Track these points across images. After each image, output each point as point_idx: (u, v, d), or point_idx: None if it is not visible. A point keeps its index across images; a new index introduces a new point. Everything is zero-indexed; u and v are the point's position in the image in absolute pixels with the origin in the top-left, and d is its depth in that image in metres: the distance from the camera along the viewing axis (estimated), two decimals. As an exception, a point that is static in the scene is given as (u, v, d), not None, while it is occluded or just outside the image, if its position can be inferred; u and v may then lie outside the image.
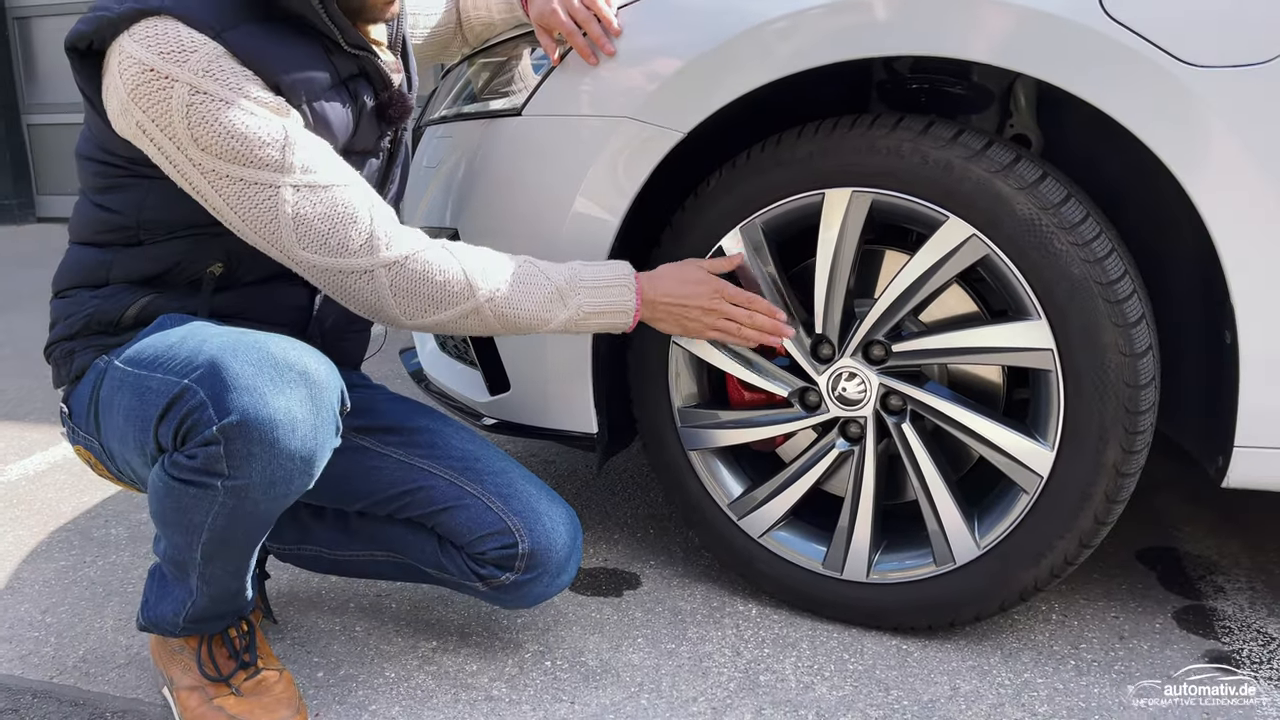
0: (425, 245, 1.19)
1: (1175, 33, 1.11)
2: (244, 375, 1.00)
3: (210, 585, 1.16)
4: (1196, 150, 1.13)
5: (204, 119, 1.08)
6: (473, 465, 1.29)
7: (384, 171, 1.33)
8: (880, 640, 1.40)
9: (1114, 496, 1.24)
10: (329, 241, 1.14)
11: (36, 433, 2.43)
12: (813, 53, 1.24)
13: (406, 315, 1.19)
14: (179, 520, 1.09)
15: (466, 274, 1.19)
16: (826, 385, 1.38)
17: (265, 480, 1.03)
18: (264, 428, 1.00)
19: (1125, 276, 1.20)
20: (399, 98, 1.27)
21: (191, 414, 1.01)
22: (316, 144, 1.14)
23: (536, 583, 1.27)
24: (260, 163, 1.09)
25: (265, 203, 1.11)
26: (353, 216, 1.14)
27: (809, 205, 1.33)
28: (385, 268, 1.16)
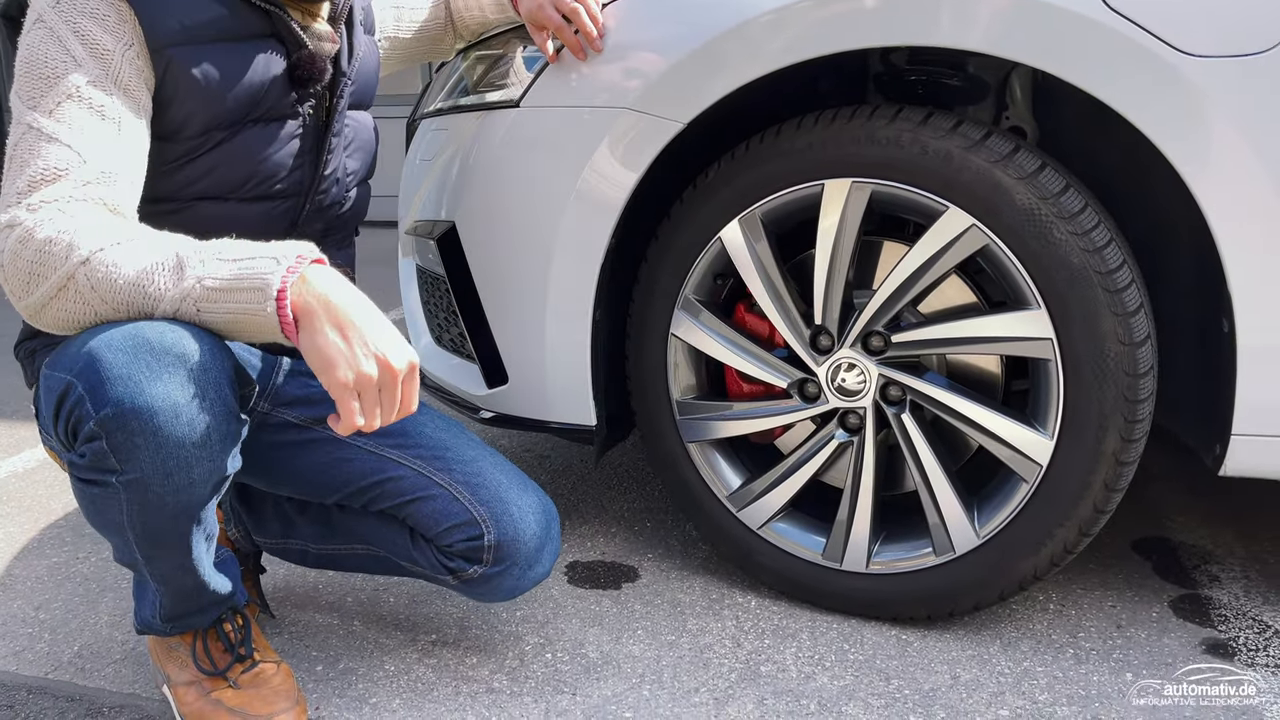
0: (69, 217, 0.98)
1: (1174, 22, 1.12)
2: (117, 364, 0.95)
3: (165, 584, 1.14)
4: (1195, 140, 1.14)
5: (23, 47, 1.05)
6: (442, 454, 1.26)
7: (314, 142, 1.25)
8: (880, 630, 1.40)
9: (1113, 485, 1.24)
10: (4, 185, 1.02)
11: (25, 430, 2.41)
12: (815, 42, 1.24)
13: (14, 294, 1.00)
14: (102, 522, 1.06)
15: (75, 235, 0.97)
16: (825, 376, 1.38)
17: (159, 471, 0.98)
18: (142, 416, 0.95)
19: (1124, 265, 1.20)
20: (309, 59, 1.20)
21: (74, 410, 0.98)
22: (91, 97, 1.03)
23: (506, 575, 1.23)
24: (28, 96, 1.03)
25: (9, 140, 1.03)
26: (29, 165, 1.00)
27: (808, 196, 1.33)
28: (8, 228, 0.98)
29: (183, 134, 1.13)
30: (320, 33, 1.23)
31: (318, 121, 1.26)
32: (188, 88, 1.11)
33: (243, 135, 1.18)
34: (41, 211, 0.99)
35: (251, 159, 1.19)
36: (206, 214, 1.18)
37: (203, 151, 1.15)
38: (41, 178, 1.00)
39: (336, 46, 1.25)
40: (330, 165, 1.28)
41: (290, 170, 1.23)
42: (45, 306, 0.99)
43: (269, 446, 1.26)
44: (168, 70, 1.09)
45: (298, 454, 1.27)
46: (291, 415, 1.29)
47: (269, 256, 0.99)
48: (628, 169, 1.37)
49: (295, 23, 1.19)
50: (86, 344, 0.98)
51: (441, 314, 1.71)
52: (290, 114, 1.22)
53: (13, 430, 2.41)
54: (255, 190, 1.21)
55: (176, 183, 1.15)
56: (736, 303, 1.51)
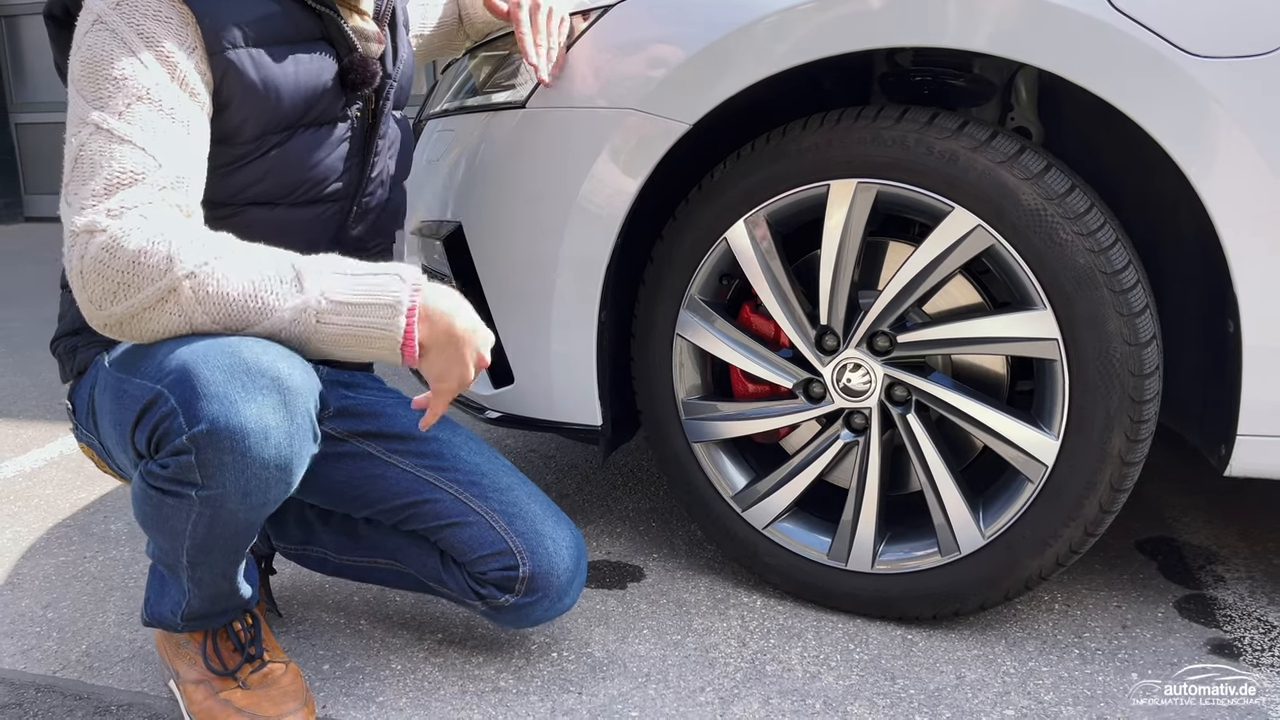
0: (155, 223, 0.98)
1: (1180, 23, 1.12)
2: (214, 382, 0.96)
3: (201, 587, 1.15)
4: (1201, 141, 1.14)
5: (84, 48, 1.04)
6: (479, 481, 1.27)
7: (361, 144, 1.26)
8: (885, 630, 1.40)
9: (1119, 485, 1.24)
10: (72, 189, 1.00)
11: (32, 429, 2.42)
12: (821, 44, 1.25)
13: (94, 302, 0.98)
14: (161, 526, 1.07)
15: (173, 246, 0.96)
16: (831, 377, 1.38)
17: (240, 490, 1.00)
18: (235, 436, 0.96)
19: (1130, 266, 1.21)
20: (361, 63, 1.20)
21: (163, 422, 0.98)
22: (162, 98, 1.03)
23: (536, 606, 1.25)
24: (92, 96, 1.02)
25: (71, 140, 1.02)
26: (103, 167, 0.99)
27: (814, 197, 1.33)
28: (89, 233, 0.97)
29: (238, 138, 1.13)
30: (367, 33, 1.23)
31: (364, 124, 1.27)
32: (245, 92, 1.11)
33: (295, 140, 1.18)
34: (126, 219, 0.97)
35: (304, 164, 1.19)
36: (257, 219, 1.18)
37: (256, 156, 1.15)
38: (118, 181, 0.99)
39: (383, 47, 1.26)
40: (376, 167, 1.28)
41: (340, 174, 1.24)
42: (134, 317, 0.98)
43: None
44: (226, 74, 1.09)
45: (333, 465, 1.28)
46: (330, 426, 1.30)
47: (392, 274, 1.03)
48: (634, 170, 1.37)
49: (347, 25, 1.19)
50: (177, 356, 0.98)
51: (447, 314, 1.71)
52: (340, 117, 1.23)
53: (20, 430, 2.42)
54: (306, 195, 1.21)
55: (230, 188, 1.15)
56: (742, 303, 1.51)
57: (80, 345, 1.20)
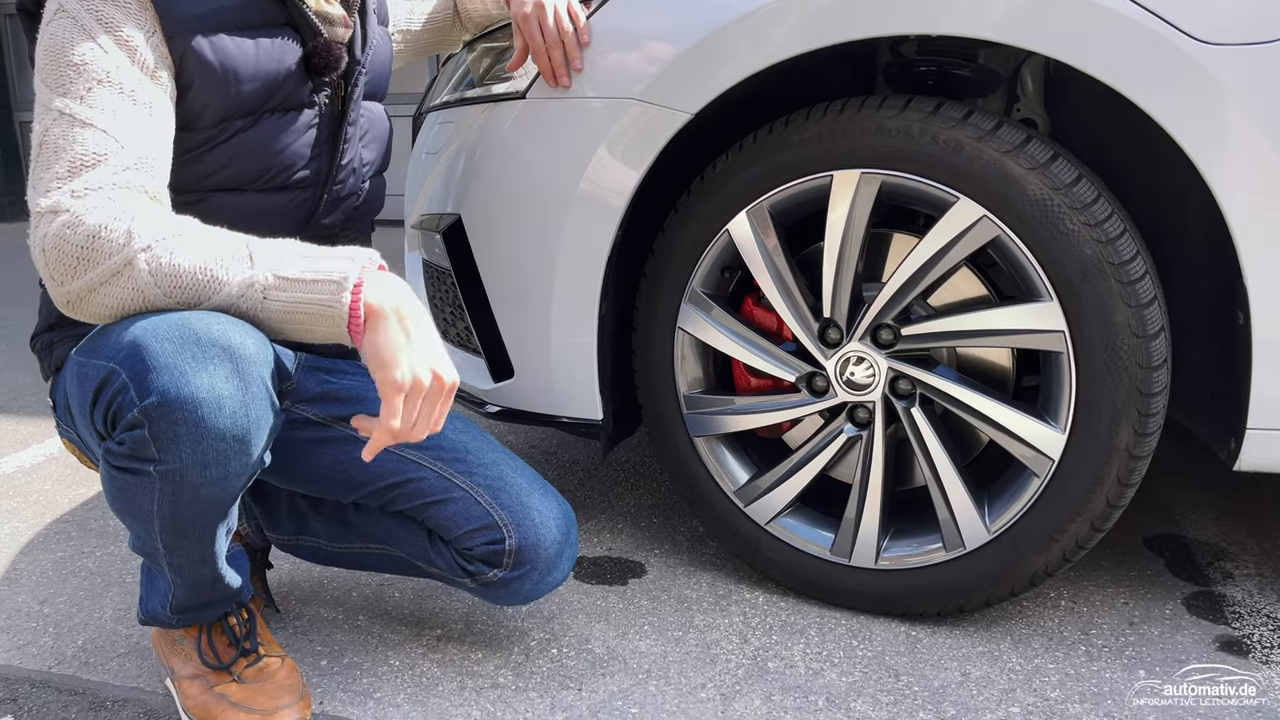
0: (118, 203, 0.98)
1: (1189, 9, 1.10)
2: (163, 354, 0.95)
3: (182, 575, 1.13)
4: (1211, 129, 1.12)
5: (46, 36, 1.05)
6: (463, 457, 1.25)
7: (331, 131, 1.25)
8: (889, 626, 1.39)
9: (1126, 479, 1.23)
10: (37, 173, 1.00)
11: (31, 425, 2.41)
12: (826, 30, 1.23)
13: (55, 279, 0.98)
14: (129, 509, 1.06)
15: (134, 223, 0.97)
16: (834, 370, 1.36)
17: (198, 462, 0.98)
18: (186, 407, 0.95)
19: (1137, 257, 1.19)
20: (325, 47, 1.19)
21: (116, 397, 0.98)
22: (122, 80, 1.03)
23: (526, 579, 1.23)
24: (55, 83, 1.02)
25: (37, 126, 1.02)
26: (66, 150, 0.99)
27: (817, 188, 1.32)
28: (53, 213, 0.97)
29: (200, 123, 1.13)
30: (333, 17, 1.21)
31: (334, 111, 1.26)
32: (204, 76, 1.10)
33: (259, 125, 1.17)
34: (88, 198, 0.98)
35: (269, 149, 1.18)
36: (224, 205, 1.17)
37: (220, 141, 1.15)
38: (82, 163, 0.99)
39: (350, 32, 1.24)
40: (347, 155, 1.27)
41: (308, 160, 1.23)
42: (92, 292, 0.98)
43: (287, 443, 1.25)
44: (184, 58, 1.09)
45: (316, 451, 1.27)
46: (311, 412, 1.28)
47: (343, 257, 1.01)
48: (635, 161, 1.35)
49: (310, 10, 1.18)
50: (129, 332, 0.98)
51: (447, 308, 1.69)
52: (307, 103, 1.22)
53: (19, 425, 2.41)
54: (273, 181, 1.20)
55: (195, 173, 1.14)
56: (744, 296, 1.49)
57: (56, 341, 1.20)
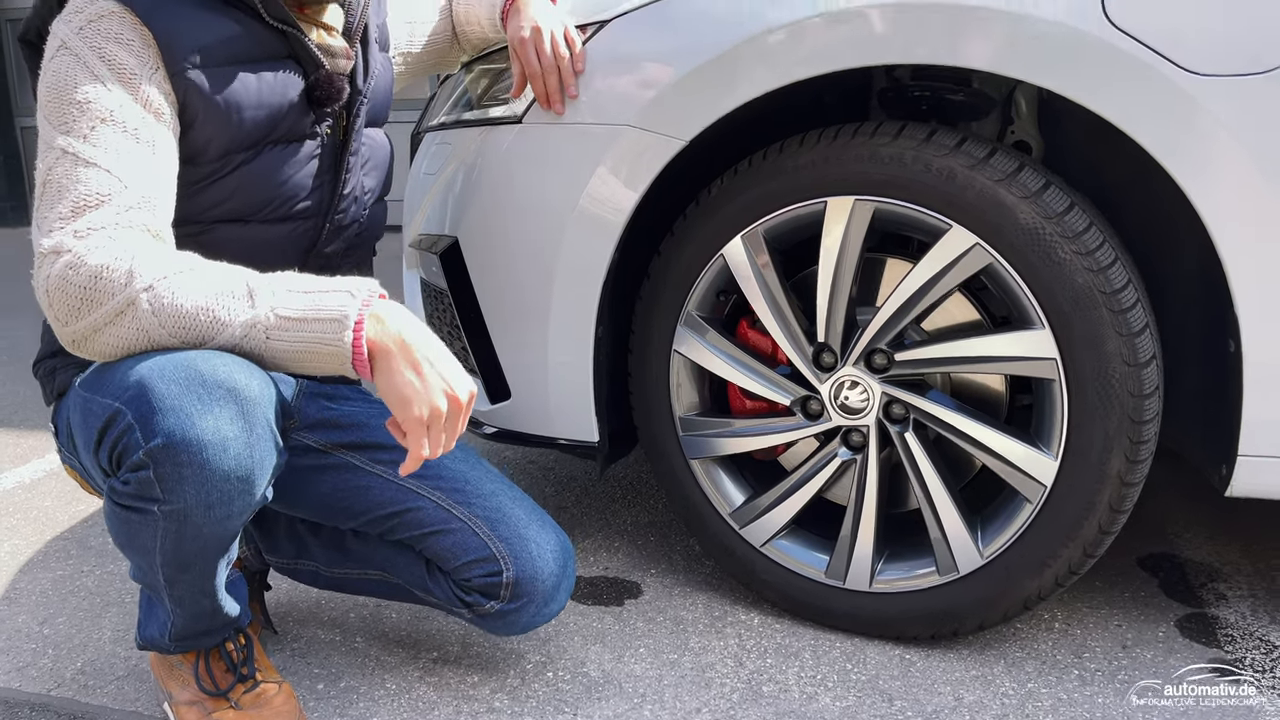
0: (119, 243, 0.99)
1: (1179, 41, 1.11)
2: (169, 395, 0.96)
3: (182, 606, 1.15)
4: (1202, 160, 1.13)
5: (49, 73, 1.05)
6: (462, 488, 1.26)
7: (332, 161, 1.26)
8: (883, 649, 1.39)
9: (1118, 506, 1.23)
10: (40, 212, 1.01)
11: (32, 440, 2.42)
12: (816, 60, 1.24)
13: (60, 319, 0.99)
14: (132, 544, 1.07)
15: (134, 262, 0.97)
16: (829, 394, 1.37)
17: (202, 503, 0.99)
18: (191, 449, 0.96)
19: (1129, 285, 1.20)
20: (326, 80, 1.20)
21: (122, 438, 0.98)
22: (126, 119, 1.03)
23: (523, 611, 1.24)
24: (58, 121, 1.03)
25: (40, 164, 1.03)
26: (69, 190, 0.99)
27: (811, 213, 1.32)
28: (55, 253, 0.98)
29: (204, 157, 1.13)
30: (334, 49, 1.22)
31: (335, 141, 1.26)
32: (207, 111, 1.11)
33: (262, 157, 1.18)
34: (90, 238, 0.98)
35: (272, 181, 1.19)
36: (228, 236, 1.18)
37: (223, 174, 1.15)
38: (85, 203, 1.00)
39: (351, 63, 1.25)
40: (349, 185, 1.28)
41: (310, 191, 1.23)
42: (97, 332, 0.99)
43: (287, 469, 1.25)
44: (188, 94, 1.09)
45: (316, 478, 1.28)
46: (311, 439, 1.29)
47: (343, 290, 1.01)
48: (630, 186, 1.36)
49: (311, 42, 1.19)
50: (135, 372, 0.98)
51: (445, 327, 1.70)
52: (309, 134, 1.23)
53: (19, 440, 2.42)
54: (276, 212, 1.21)
55: (198, 205, 1.15)
56: (739, 319, 1.50)
57: (59, 367, 1.21)
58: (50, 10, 1.11)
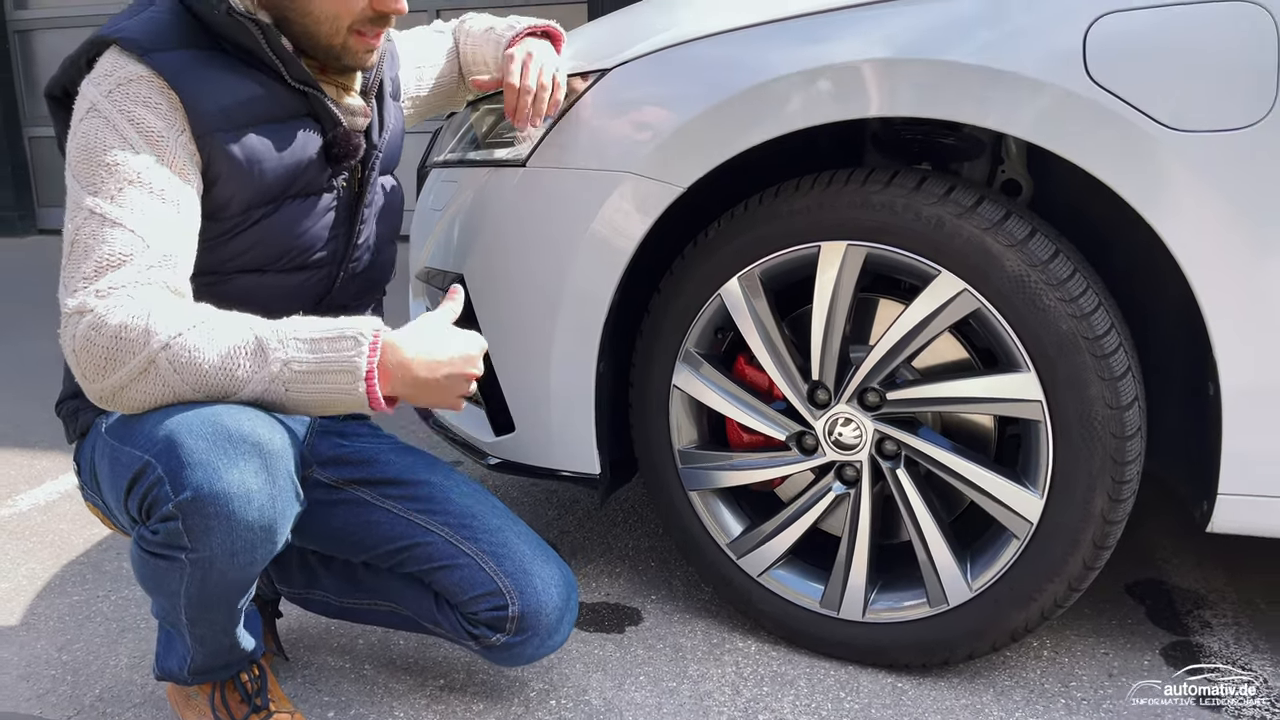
0: (138, 302, 1.03)
1: (1158, 98, 1.15)
2: (197, 450, 1.01)
3: (202, 643, 1.20)
4: (1179, 210, 1.17)
5: (79, 134, 1.10)
6: (469, 523, 1.31)
7: (348, 213, 1.31)
8: (876, 678, 1.44)
9: (1101, 543, 1.28)
10: (67, 272, 1.06)
11: (45, 460, 2.46)
12: (810, 114, 1.28)
13: (87, 377, 1.04)
14: (157, 587, 1.12)
15: (150, 320, 1.02)
16: (823, 430, 1.41)
17: (226, 551, 1.04)
18: (219, 502, 1.01)
19: (1112, 330, 1.24)
20: (344, 137, 1.25)
21: (151, 490, 1.03)
22: (151, 180, 1.08)
23: (528, 644, 1.29)
24: (87, 181, 1.08)
25: (69, 223, 1.08)
26: (94, 250, 1.04)
27: (806, 256, 1.37)
28: (79, 313, 1.03)
29: (225, 212, 1.18)
30: (353, 108, 1.27)
31: (351, 193, 1.31)
32: (231, 170, 1.15)
33: (281, 211, 1.22)
34: (111, 298, 1.03)
35: (290, 233, 1.24)
36: (246, 285, 1.22)
37: (244, 228, 1.20)
38: (108, 263, 1.05)
39: (369, 120, 1.30)
40: (363, 235, 1.32)
41: (326, 242, 1.28)
42: (123, 389, 1.03)
43: None
44: (213, 154, 1.14)
45: (329, 513, 1.33)
46: (324, 475, 1.34)
47: (349, 337, 1.06)
48: (630, 230, 1.41)
49: (330, 101, 1.23)
50: (164, 426, 1.03)
51: (450, 359, 1.75)
52: (326, 188, 1.27)
53: (33, 460, 2.47)
54: (293, 262, 1.26)
55: (219, 257, 1.19)
56: (737, 355, 1.54)
57: (81, 408, 1.25)
58: (79, 70, 1.15)
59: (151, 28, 1.13)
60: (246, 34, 1.15)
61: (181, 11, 1.16)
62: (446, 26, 1.63)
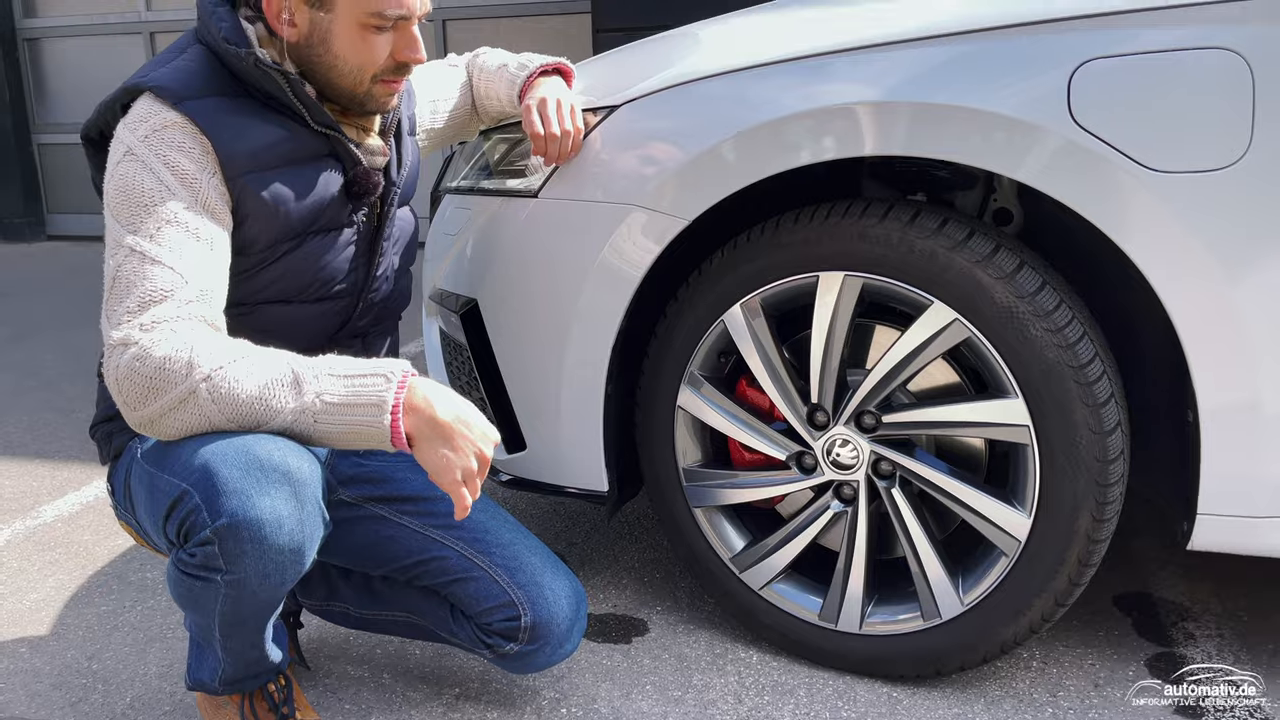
0: (180, 335, 1.11)
1: (1139, 141, 1.22)
2: (232, 479, 1.08)
3: (233, 656, 1.28)
4: (1159, 246, 1.23)
5: (117, 176, 1.17)
6: (483, 537, 1.38)
7: (368, 246, 1.38)
8: (872, 688, 1.50)
9: (1086, 560, 1.34)
10: (110, 305, 1.14)
11: (66, 471, 2.53)
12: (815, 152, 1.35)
13: (129, 405, 1.11)
14: (193, 604, 1.20)
15: (192, 353, 1.10)
16: (821, 450, 1.48)
17: (259, 573, 1.12)
18: (252, 527, 1.08)
19: (1096, 359, 1.30)
20: (364, 175, 1.32)
21: (189, 516, 1.11)
22: (187, 220, 1.16)
23: (540, 653, 1.36)
24: (126, 221, 1.15)
25: (110, 260, 1.16)
26: (136, 286, 1.12)
27: (805, 285, 1.43)
28: (123, 345, 1.11)
29: (253, 248, 1.25)
30: (373, 148, 1.34)
31: (370, 227, 1.38)
32: (258, 209, 1.23)
33: (305, 246, 1.30)
34: (155, 331, 1.11)
35: (313, 267, 1.31)
36: (271, 315, 1.30)
37: (270, 262, 1.27)
38: (150, 298, 1.12)
39: (387, 159, 1.37)
40: (381, 266, 1.40)
41: (347, 273, 1.36)
42: (163, 417, 1.11)
43: None
44: (242, 195, 1.21)
45: (348, 529, 1.40)
46: (344, 494, 1.41)
47: (379, 374, 1.13)
48: (637, 259, 1.47)
49: (351, 142, 1.31)
50: (200, 455, 1.10)
51: (463, 377, 1.82)
52: (347, 223, 1.34)
53: (55, 471, 2.54)
54: (316, 293, 1.33)
55: (246, 290, 1.27)
56: (739, 377, 1.61)
57: (115, 432, 1.32)
58: (114, 115, 1.23)
59: (183, 76, 1.20)
60: (273, 83, 1.22)
61: (210, 60, 1.23)
62: (460, 60, 1.70)
